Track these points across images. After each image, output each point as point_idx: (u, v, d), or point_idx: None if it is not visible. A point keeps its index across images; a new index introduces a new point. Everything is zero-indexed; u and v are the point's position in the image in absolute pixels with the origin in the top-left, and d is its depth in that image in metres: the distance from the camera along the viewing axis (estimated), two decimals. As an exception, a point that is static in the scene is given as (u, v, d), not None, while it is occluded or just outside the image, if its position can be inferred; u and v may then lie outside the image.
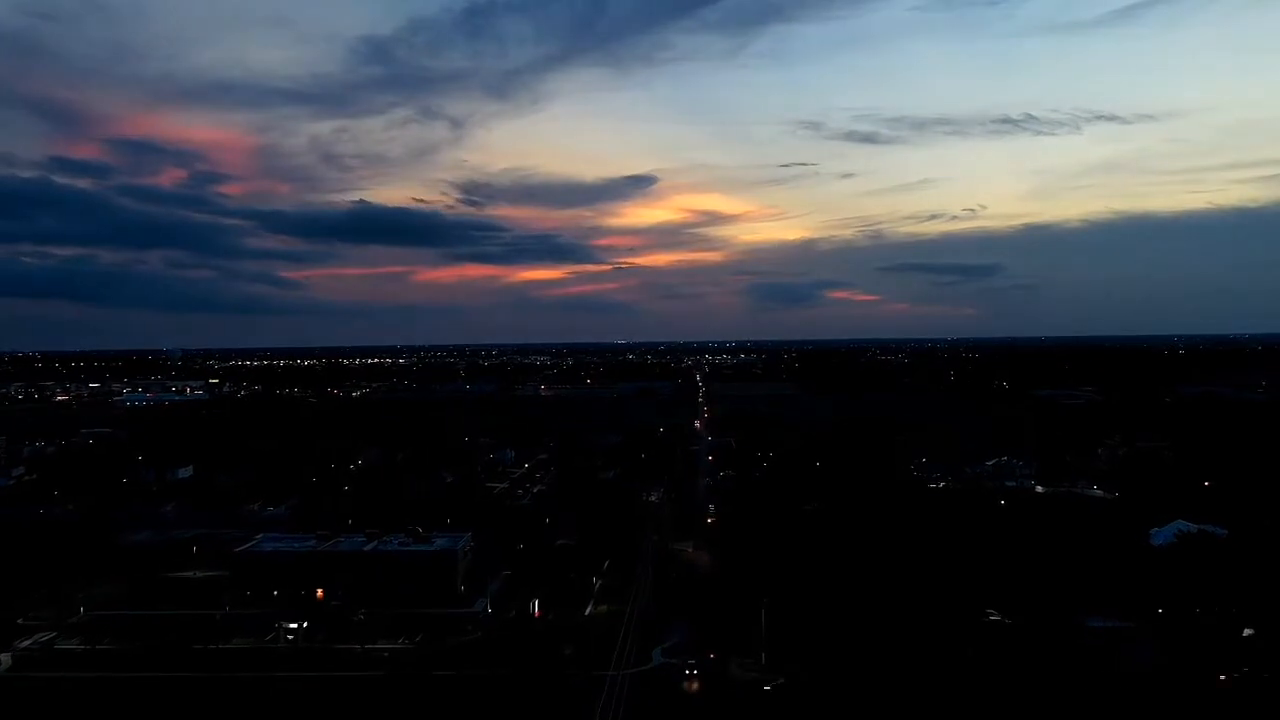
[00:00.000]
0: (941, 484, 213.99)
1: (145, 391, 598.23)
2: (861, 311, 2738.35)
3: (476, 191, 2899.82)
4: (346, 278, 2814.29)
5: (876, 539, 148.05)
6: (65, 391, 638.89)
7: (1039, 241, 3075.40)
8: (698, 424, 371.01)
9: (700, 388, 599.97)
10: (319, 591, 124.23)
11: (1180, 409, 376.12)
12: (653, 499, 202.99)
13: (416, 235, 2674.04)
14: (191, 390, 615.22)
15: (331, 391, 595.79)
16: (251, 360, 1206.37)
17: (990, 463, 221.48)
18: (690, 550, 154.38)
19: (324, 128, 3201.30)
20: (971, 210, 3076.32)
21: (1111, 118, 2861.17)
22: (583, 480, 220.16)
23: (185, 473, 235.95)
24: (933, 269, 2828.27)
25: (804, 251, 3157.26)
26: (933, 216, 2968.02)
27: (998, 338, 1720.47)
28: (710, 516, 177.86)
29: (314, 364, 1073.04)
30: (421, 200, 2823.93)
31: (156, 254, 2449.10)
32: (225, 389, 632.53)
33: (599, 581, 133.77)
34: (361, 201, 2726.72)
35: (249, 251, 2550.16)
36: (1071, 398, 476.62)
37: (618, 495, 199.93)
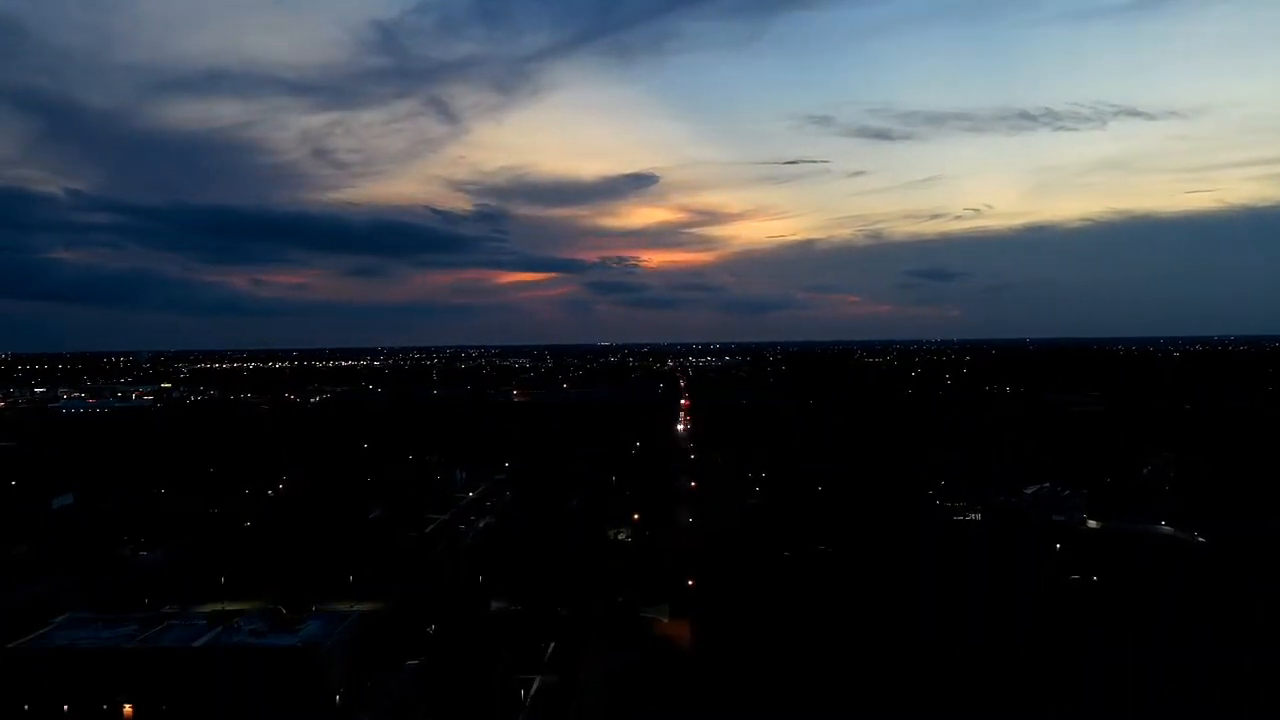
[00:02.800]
0: (971, 515, 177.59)
1: (87, 397, 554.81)
2: (847, 312, 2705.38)
3: (471, 190, 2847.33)
4: (337, 277, 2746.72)
5: (918, 607, 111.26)
6: (7, 397, 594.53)
7: (1037, 242, 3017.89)
8: (679, 434, 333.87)
9: (683, 393, 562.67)
10: (127, 707, 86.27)
11: (1209, 418, 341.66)
12: (622, 536, 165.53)
13: (409, 235, 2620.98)
14: (140, 395, 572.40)
15: (288, 397, 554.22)
16: (222, 363, 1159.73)
17: (1030, 490, 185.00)
18: (666, 621, 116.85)
19: (318, 121, 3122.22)
20: (976, 210, 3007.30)
21: (1134, 113, 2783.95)
22: (540, 511, 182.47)
23: (64, 501, 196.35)
24: (917, 272, 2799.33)
25: (799, 252, 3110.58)
26: (934, 216, 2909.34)
27: (981, 339, 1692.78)
28: (693, 567, 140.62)
29: (285, 366, 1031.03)
30: (415, 199, 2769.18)
31: (147, 253, 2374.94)
32: (176, 394, 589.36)
33: (536, 681, 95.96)
34: (353, 203, 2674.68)
35: (239, 250, 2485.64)
36: (1081, 404, 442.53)
37: (580, 532, 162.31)
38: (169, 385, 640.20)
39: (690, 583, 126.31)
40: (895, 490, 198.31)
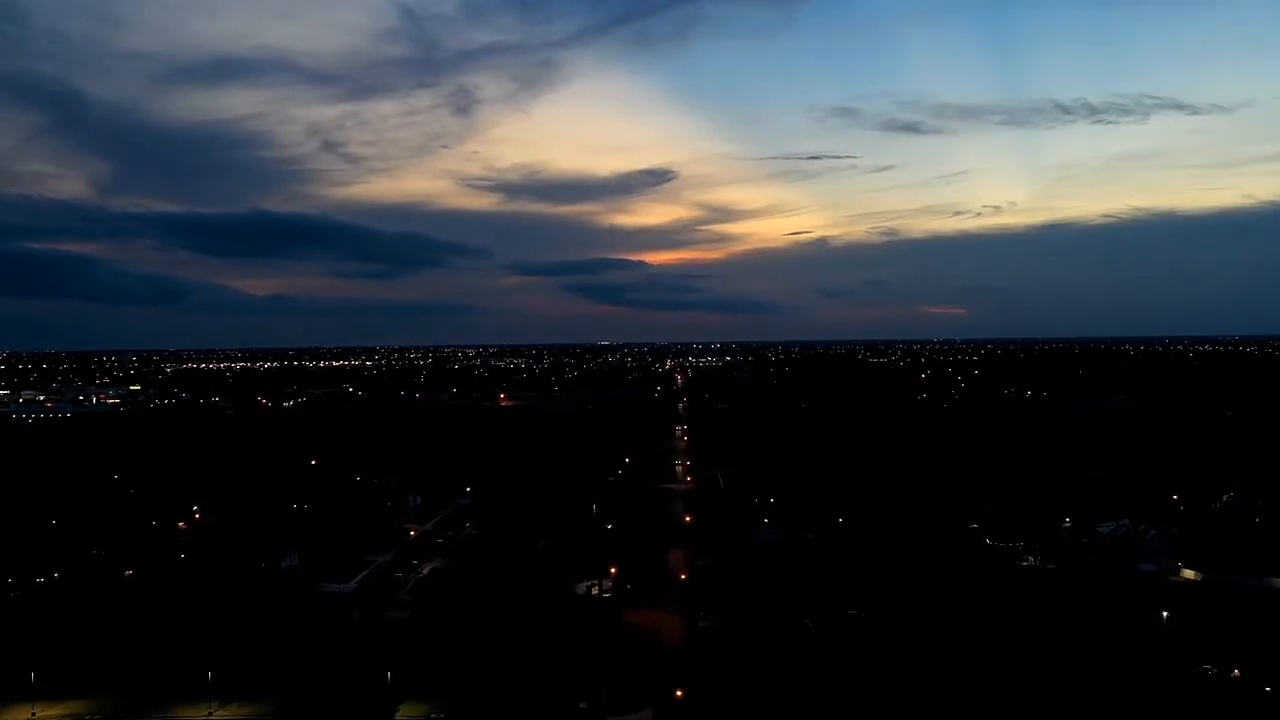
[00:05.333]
0: (1029, 559, 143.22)
1: (46, 401, 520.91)
2: (851, 311, 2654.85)
3: (484, 186, 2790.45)
4: (343, 274, 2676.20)
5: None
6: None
7: (1054, 240, 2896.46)
8: (675, 447, 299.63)
9: (682, 397, 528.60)
10: None
11: (1264, 429, 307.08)
12: (598, 590, 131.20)
13: (417, 232, 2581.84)
14: (103, 399, 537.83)
15: (260, 401, 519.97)
16: (210, 363, 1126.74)
17: (1105, 528, 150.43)
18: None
19: (332, 113, 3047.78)
20: (997, 207, 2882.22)
21: (1177, 105, 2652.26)
22: (499, 554, 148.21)
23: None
24: (926, 271, 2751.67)
25: (811, 250, 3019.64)
26: (956, 213, 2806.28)
27: (987, 339, 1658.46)
28: (686, 646, 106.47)
29: (271, 367, 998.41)
30: (426, 195, 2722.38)
31: (150, 248, 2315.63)
32: (143, 397, 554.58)
33: None
34: (363, 199, 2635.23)
35: (246, 247, 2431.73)
36: (1113, 410, 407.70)
37: (542, 586, 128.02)
38: (138, 388, 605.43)
39: (681, 690, 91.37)
40: (932, 522, 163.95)
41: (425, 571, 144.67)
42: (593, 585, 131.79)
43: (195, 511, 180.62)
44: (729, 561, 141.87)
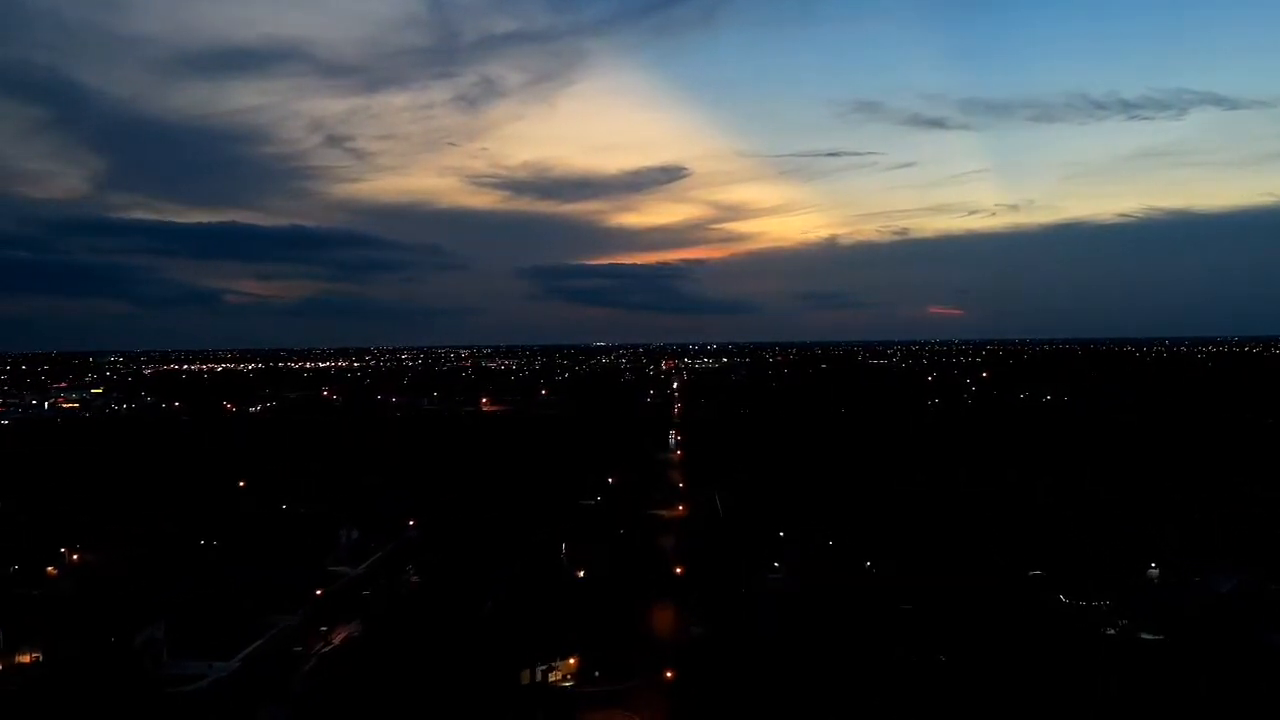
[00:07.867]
0: (1121, 622, 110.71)
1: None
2: (848, 312, 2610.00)
3: (489, 183, 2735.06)
4: (343, 274, 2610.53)
5: None
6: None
7: (1066, 240, 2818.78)
8: (665, 460, 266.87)
9: (676, 401, 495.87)
10: None
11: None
12: (557, 676, 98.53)
13: (418, 233, 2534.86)
14: (59, 403, 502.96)
15: (225, 406, 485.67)
16: (195, 364, 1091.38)
17: (1223, 583, 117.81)
18: None
19: (339, 107, 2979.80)
20: (1014, 206, 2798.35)
21: (1217, 100, 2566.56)
22: (431, 617, 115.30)
23: None
24: (926, 272, 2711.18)
25: (818, 250, 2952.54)
26: (972, 212, 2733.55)
27: (984, 339, 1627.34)
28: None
29: (253, 369, 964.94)
30: (431, 193, 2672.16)
31: (146, 246, 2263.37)
32: (101, 400, 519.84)
33: None
34: (366, 197, 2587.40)
35: (247, 247, 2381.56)
36: (1135, 415, 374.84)
37: (481, 670, 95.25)
38: (99, 391, 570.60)
39: None
40: (982, 568, 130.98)
41: (337, 641, 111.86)
42: (550, 669, 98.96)
43: (73, 552, 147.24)
44: (732, 630, 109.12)
